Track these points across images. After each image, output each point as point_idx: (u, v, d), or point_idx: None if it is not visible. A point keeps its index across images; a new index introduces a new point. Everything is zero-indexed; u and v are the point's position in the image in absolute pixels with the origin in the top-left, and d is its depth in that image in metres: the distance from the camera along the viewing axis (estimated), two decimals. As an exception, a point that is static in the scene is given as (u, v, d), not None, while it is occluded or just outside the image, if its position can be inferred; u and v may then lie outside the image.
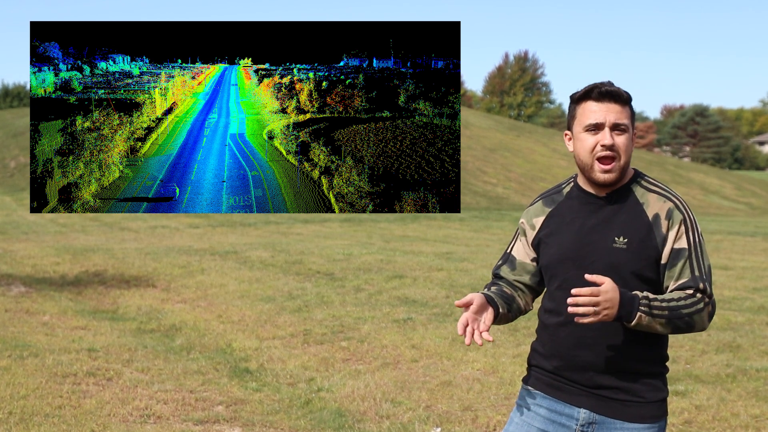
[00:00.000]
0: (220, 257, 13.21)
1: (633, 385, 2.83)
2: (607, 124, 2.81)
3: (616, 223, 2.83)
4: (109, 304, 10.29)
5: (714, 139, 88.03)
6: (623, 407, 2.84)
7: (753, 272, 12.24)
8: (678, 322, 2.74)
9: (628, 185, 2.88)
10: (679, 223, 2.81)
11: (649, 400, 2.85)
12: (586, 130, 2.83)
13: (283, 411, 6.10)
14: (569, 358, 2.87)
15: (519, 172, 39.90)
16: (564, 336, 2.88)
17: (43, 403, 5.98)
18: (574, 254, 2.86)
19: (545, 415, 2.92)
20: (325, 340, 8.09)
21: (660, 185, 2.89)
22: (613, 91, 2.82)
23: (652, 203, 2.84)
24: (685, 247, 2.80)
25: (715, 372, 6.76)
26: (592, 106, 2.83)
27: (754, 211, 39.31)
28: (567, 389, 2.89)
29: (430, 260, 12.65)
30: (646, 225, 2.81)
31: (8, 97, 68.11)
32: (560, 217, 2.94)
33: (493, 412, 5.94)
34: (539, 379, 2.96)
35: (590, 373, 2.84)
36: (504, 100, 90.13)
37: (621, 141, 2.81)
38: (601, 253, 2.82)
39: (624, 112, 2.82)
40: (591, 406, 2.86)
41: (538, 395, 2.95)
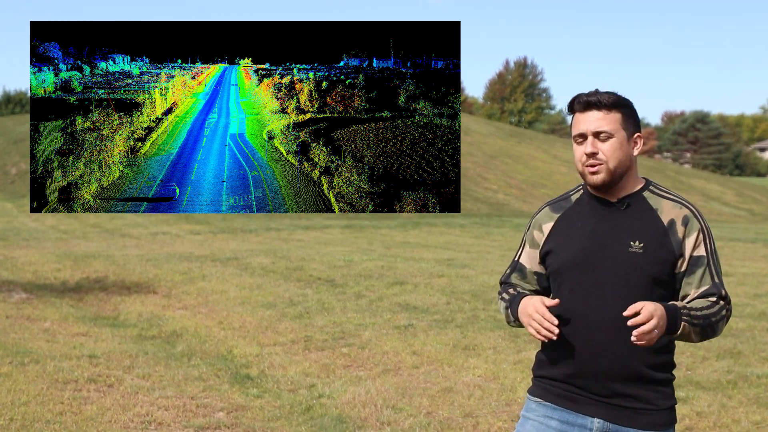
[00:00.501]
0: (221, 264, 13.21)
1: (645, 392, 2.83)
2: (589, 133, 2.83)
3: (631, 228, 2.84)
4: (110, 311, 10.29)
5: (715, 145, 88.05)
6: (636, 415, 2.83)
7: (754, 278, 12.23)
8: (708, 329, 2.80)
9: (639, 192, 2.89)
10: (697, 232, 2.84)
11: (661, 408, 2.85)
12: (576, 141, 2.88)
13: (284, 417, 6.10)
14: (582, 366, 2.84)
15: (520, 178, 39.90)
16: (577, 344, 2.84)
17: (44, 410, 5.98)
18: (588, 259, 2.85)
19: (557, 427, 2.89)
20: (326, 347, 8.09)
21: (673, 193, 2.91)
22: (591, 100, 2.83)
23: (667, 210, 2.86)
24: (704, 255, 2.83)
25: (716, 378, 6.76)
26: (577, 117, 2.88)
27: (755, 218, 39.30)
28: (580, 399, 2.86)
29: (431, 266, 12.64)
30: (662, 230, 2.82)
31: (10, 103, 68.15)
32: (570, 223, 2.94)
33: (494, 419, 5.94)
34: (548, 390, 2.92)
35: (604, 381, 2.82)
36: (504, 106, 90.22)
37: (605, 147, 2.82)
38: (616, 258, 2.82)
39: (606, 118, 2.83)
40: (605, 415, 2.84)
41: (548, 407, 2.91)
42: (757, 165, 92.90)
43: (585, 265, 2.84)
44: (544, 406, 2.92)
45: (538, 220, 3.02)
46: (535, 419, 2.94)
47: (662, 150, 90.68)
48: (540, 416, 2.93)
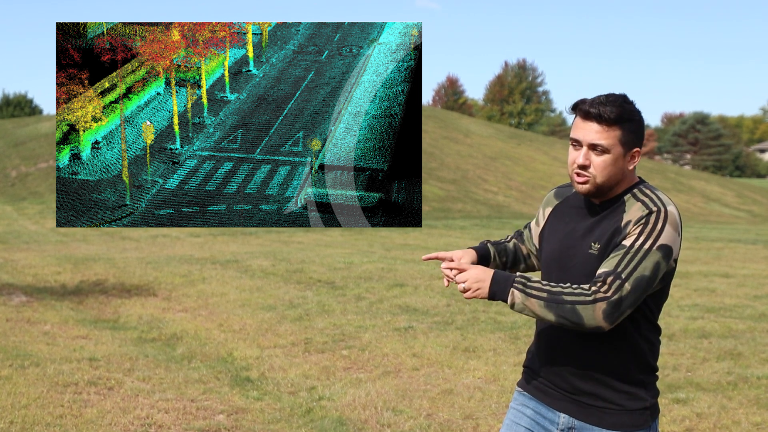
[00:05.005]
0: (221, 266, 13.21)
1: (610, 392, 2.83)
2: (584, 143, 2.78)
3: (597, 229, 2.83)
4: (110, 314, 10.29)
5: (715, 146, 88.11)
6: (601, 413, 2.84)
7: (754, 280, 12.24)
8: (559, 308, 2.66)
9: (622, 195, 2.84)
10: (639, 226, 2.71)
11: (628, 409, 2.83)
12: (571, 144, 2.85)
13: (284, 420, 6.10)
14: (551, 361, 2.92)
15: (520, 180, 39.90)
16: (544, 339, 2.94)
17: (44, 413, 5.98)
18: (558, 256, 2.91)
19: (531, 416, 2.97)
20: (326, 349, 8.09)
21: (654, 196, 2.79)
22: (592, 111, 2.75)
23: (632, 211, 2.77)
24: (626, 246, 2.70)
25: (716, 380, 6.76)
26: (577, 122, 2.82)
27: (755, 219, 39.31)
28: (550, 393, 2.93)
29: (431, 268, 12.65)
30: (618, 231, 2.76)
31: (9, 106, 68.16)
32: (560, 215, 3.00)
33: (494, 421, 5.94)
34: (528, 381, 3.02)
35: (569, 377, 2.87)
36: (504, 108, 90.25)
37: (597, 161, 2.77)
38: (578, 258, 2.84)
39: (606, 132, 2.75)
40: (570, 411, 2.88)
41: (526, 396, 3.00)
42: (757, 166, 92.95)
43: (556, 261, 2.91)
44: (523, 395, 3.02)
45: (546, 200, 3.11)
46: (514, 407, 3.04)
47: (662, 151, 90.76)
48: (519, 404, 3.02)
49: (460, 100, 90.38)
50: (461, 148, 43.02)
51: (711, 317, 9.11)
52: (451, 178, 36.83)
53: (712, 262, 15.06)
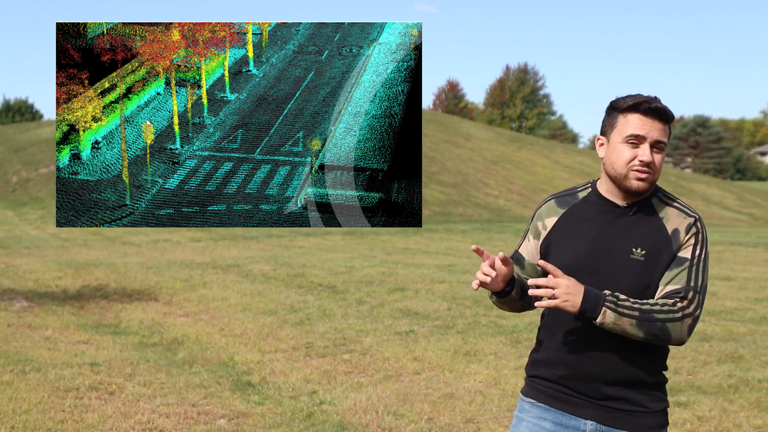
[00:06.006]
0: (222, 271, 13.22)
1: (637, 395, 2.82)
2: (649, 140, 2.80)
3: (635, 234, 2.82)
4: (111, 318, 10.30)
5: (715, 149, 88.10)
6: (629, 417, 2.83)
7: (755, 283, 12.24)
8: (650, 326, 2.70)
9: (648, 198, 2.87)
10: (693, 236, 2.82)
11: (653, 410, 2.84)
12: (626, 141, 2.80)
13: (285, 424, 6.10)
14: (576, 368, 2.84)
15: (521, 184, 39.91)
16: (571, 345, 2.85)
17: (45, 418, 5.98)
18: (590, 262, 2.83)
19: (551, 429, 2.88)
20: (327, 353, 8.09)
21: (679, 201, 2.90)
22: (661, 108, 2.80)
23: (672, 218, 2.84)
24: (688, 258, 2.79)
25: (717, 383, 6.76)
26: (637, 120, 2.81)
27: (756, 222, 39.29)
28: (573, 401, 2.86)
29: (432, 272, 12.65)
30: (665, 239, 2.81)
31: (10, 111, 68.24)
32: (574, 221, 2.91)
33: (495, 425, 5.94)
34: (542, 390, 2.92)
35: (596, 384, 2.82)
36: (505, 112, 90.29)
37: (658, 159, 2.82)
38: (617, 263, 2.80)
39: (665, 130, 2.83)
40: (598, 417, 2.84)
41: (541, 408, 2.91)
42: (757, 169, 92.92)
43: (587, 268, 2.82)
44: (538, 407, 2.92)
45: (542, 212, 2.99)
46: (529, 420, 2.94)
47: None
48: (534, 417, 2.92)
49: (461, 104, 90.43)
50: (462, 152, 43.04)
51: (712, 320, 9.11)
52: (452, 181, 36.84)
53: (713, 265, 15.05)
